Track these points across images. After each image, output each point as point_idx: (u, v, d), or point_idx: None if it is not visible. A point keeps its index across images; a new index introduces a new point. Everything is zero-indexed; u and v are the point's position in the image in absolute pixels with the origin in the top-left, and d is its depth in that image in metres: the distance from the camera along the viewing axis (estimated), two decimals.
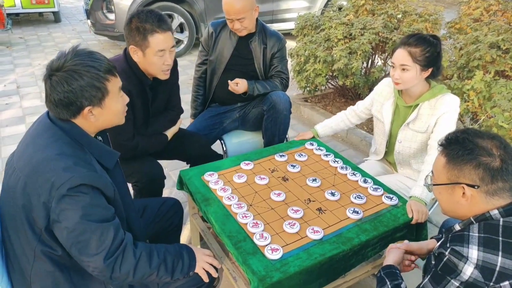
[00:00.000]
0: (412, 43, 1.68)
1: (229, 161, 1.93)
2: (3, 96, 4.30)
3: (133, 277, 1.14)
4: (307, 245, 1.40)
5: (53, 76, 1.09)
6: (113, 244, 1.10)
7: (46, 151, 1.07)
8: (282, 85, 2.33)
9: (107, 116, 1.18)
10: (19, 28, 7.36)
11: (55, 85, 1.08)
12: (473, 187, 1.02)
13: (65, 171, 1.04)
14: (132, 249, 1.15)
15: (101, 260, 1.07)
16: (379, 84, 2.02)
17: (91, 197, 1.07)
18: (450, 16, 4.10)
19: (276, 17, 6.13)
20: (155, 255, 1.20)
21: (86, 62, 1.10)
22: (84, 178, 1.05)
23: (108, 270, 1.09)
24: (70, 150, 1.10)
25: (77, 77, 1.08)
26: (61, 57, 1.11)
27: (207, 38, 2.33)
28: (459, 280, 0.98)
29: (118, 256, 1.11)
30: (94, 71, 1.10)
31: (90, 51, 1.15)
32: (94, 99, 1.11)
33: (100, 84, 1.11)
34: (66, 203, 1.03)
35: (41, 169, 1.05)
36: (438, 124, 1.73)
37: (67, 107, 1.10)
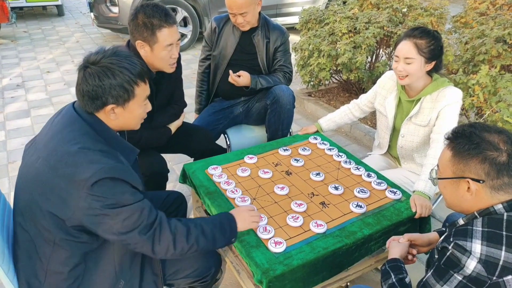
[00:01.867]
0: (417, 35, 1.67)
1: (233, 155, 1.94)
2: (8, 90, 4.32)
3: (174, 250, 1.17)
4: (310, 238, 1.41)
5: (88, 68, 1.13)
6: (149, 219, 1.13)
7: (74, 144, 1.10)
8: (285, 79, 2.32)
9: (127, 118, 1.21)
10: (23, 22, 7.37)
11: (88, 77, 1.12)
12: (478, 182, 1.02)
13: (93, 163, 1.06)
14: (168, 223, 1.18)
15: (140, 235, 1.11)
16: (382, 77, 2.00)
17: (119, 186, 1.09)
18: (456, 10, 4.07)
19: (280, 11, 6.10)
20: (192, 229, 1.22)
21: (122, 63, 1.14)
22: (111, 170, 1.08)
23: (149, 243, 1.13)
24: (96, 144, 1.13)
25: (110, 75, 1.12)
26: (100, 52, 1.16)
27: (210, 33, 2.33)
28: (462, 274, 0.98)
29: (155, 229, 1.14)
30: (127, 73, 1.14)
31: (129, 54, 1.20)
32: (120, 99, 1.15)
33: (129, 86, 1.15)
34: (96, 192, 1.05)
35: (70, 161, 1.07)
36: (440, 117, 1.72)
37: (92, 100, 1.14)
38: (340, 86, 4.14)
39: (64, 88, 4.39)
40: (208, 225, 1.26)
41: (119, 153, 1.18)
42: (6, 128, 3.50)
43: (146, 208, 1.14)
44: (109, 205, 1.07)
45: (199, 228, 1.23)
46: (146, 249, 1.15)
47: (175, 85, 2.03)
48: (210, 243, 1.25)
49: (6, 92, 4.25)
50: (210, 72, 2.41)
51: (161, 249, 1.16)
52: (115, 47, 1.20)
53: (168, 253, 1.18)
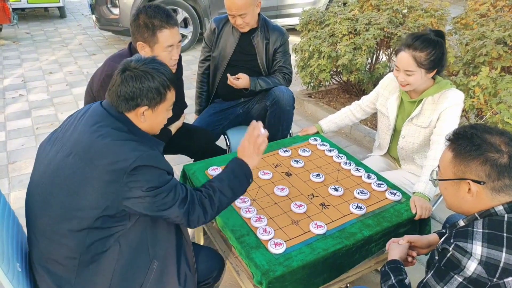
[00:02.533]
0: (418, 46, 1.63)
1: (233, 156, 1.93)
2: (10, 90, 4.33)
3: (204, 218, 1.27)
4: (310, 239, 1.41)
5: (127, 71, 1.20)
6: (182, 194, 1.22)
7: (107, 137, 1.15)
8: (285, 80, 2.32)
9: (153, 121, 1.27)
10: (25, 23, 7.39)
11: (128, 79, 1.19)
12: (479, 183, 1.02)
13: (131, 151, 1.13)
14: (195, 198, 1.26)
15: (178, 208, 1.20)
16: (385, 78, 2.00)
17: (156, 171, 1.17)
18: (456, 11, 4.07)
19: (280, 12, 6.11)
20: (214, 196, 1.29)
21: (160, 69, 1.23)
22: (150, 158, 1.15)
23: (186, 215, 1.22)
24: (128, 137, 1.19)
25: (150, 78, 1.20)
26: (140, 60, 1.24)
27: (209, 34, 2.33)
28: (462, 276, 0.98)
29: (189, 203, 1.23)
30: (164, 78, 1.22)
31: (163, 63, 1.28)
32: (153, 101, 1.22)
33: (163, 90, 1.23)
34: (136, 177, 1.12)
35: (107, 152, 1.12)
36: (441, 119, 1.72)
37: (127, 101, 1.20)
38: (340, 88, 4.15)
39: (66, 89, 4.40)
40: (225, 182, 1.33)
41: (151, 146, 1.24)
42: (6, 128, 3.51)
43: (178, 184, 1.23)
44: (149, 188, 1.13)
45: (217, 192, 1.30)
46: (183, 220, 1.23)
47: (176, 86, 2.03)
48: (233, 197, 1.34)
49: (7, 93, 4.26)
50: (210, 73, 2.41)
51: (194, 218, 1.25)
52: (153, 57, 1.28)
53: (199, 222, 1.27)
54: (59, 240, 1.17)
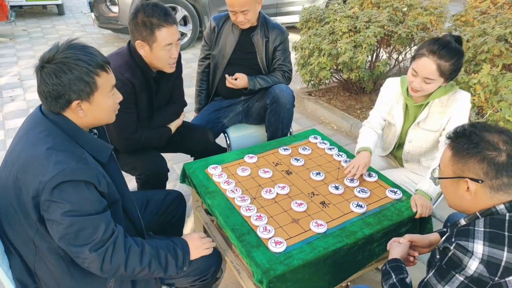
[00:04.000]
0: (444, 55, 1.55)
1: (233, 154, 1.93)
2: (7, 89, 4.31)
3: (124, 270, 1.13)
4: (310, 238, 1.40)
5: (44, 68, 1.08)
6: (104, 235, 1.09)
7: (37, 146, 1.07)
8: (284, 78, 2.31)
9: (96, 112, 1.16)
10: (22, 20, 7.35)
11: (45, 77, 1.08)
12: (477, 182, 1.01)
13: (55, 165, 1.03)
14: (123, 241, 1.14)
15: (90, 251, 1.07)
16: (385, 86, 1.90)
17: (81, 190, 1.06)
18: (456, 9, 4.05)
19: (280, 10, 6.09)
20: (147, 250, 1.18)
21: (77, 56, 1.09)
22: (74, 172, 1.04)
23: (98, 261, 1.09)
24: (61, 144, 1.09)
25: (66, 70, 1.07)
26: (53, 49, 1.10)
27: (209, 33, 2.31)
28: (464, 275, 0.97)
29: (108, 247, 1.10)
30: (84, 65, 1.09)
31: (84, 45, 1.13)
32: (82, 93, 1.10)
33: (89, 78, 1.10)
34: (55, 197, 1.02)
35: (31, 164, 1.04)
36: (451, 122, 1.68)
37: (55, 100, 1.10)
38: (340, 85, 4.14)
39: None
40: (163, 249, 1.23)
41: (89, 151, 1.15)
42: (5, 127, 3.50)
43: (104, 223, 1.09)
44: (65, 213, 1.03)
45: (154, 250, 1.20)
46: (94, 266, 1.10)
47: (175, 84, 2.02)
48: (162, 268, 1.21)
49: (4, 91, 4.24)
50: (210, 72, 2.40)
51: (110, 268, 1.11)
52: (69, 40, 1.14)
53: (117, 273, 1.13)
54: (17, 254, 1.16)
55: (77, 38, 1.20)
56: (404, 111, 1.85)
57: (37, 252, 1.13)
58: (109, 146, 1.24)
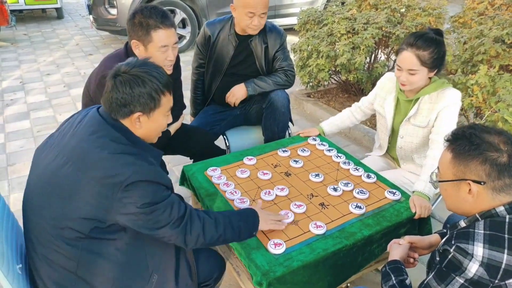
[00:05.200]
0: (420, 45, 1.62)
1: (232, 156, 1.94)
2: (8, 92, 4.32)
3: (203, 239, 1.23)
4: (310, 239, 1.41)
5: (118, 76, 1.17)
6: (179, 212, 1.19)
7: (105, 149, 1.12)
8: (287, 76, 2.27)
9: (150, 127, 1.24)
10: (23, 25, 7.37)
11: (118, 85, 1.16)
12: (479, 183, 1.01)
13: (127, 166, 1.10)
14: (197, 214, 1.24)
15: (171, 228, 1.17)
16: (382, 78, 2.00)
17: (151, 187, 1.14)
18: (454, 10, 4.07)
19: (278, 12, 6.10)
20: (220, 219, 1.28)
21: (152, 73, 1.19)
22: (146, 173, 1.12)
23: (182, 235, 1.19)
24: (127, 148, 1.15)
25: (140, 83, 1.16)
26: (130, 63, 1.20)
27: (204, 42, 2.25)
28: (463, 277, 0.97)
29: (186, 221, 1.20)
30: (156, 82, 1.18)
31: (157, 65, 1.24)
32: (146, 107, 1.19)
33: (156, 95, 1.19)
34: (131, 193, 1.09)
35: (103, 166, 1.10)
36: (439, 118, 1.72)
37: (120, 108, 1.17)
38: (339, 87, 4.15)
39: (64, 90, 4.39)
40: (235, 216, 1.33)
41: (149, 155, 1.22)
42: (5, 130, 3.50)
43: (176, 202, 1.19)
44: (143, 205, 1.11)
45: (226, 218, 1.29)
46: (179, 241, 1.21)
47: (174, 87, 1.98)
48: (236, 234, 1.31)
49: (5, 95, 4.25)
50: (205, 80, 2.38)
51: (191, 239, 1.21)
52: (146, 58, 1.25)
53: (198, 242, 1.23)
54: (54, 247, 1.15)
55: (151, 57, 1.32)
56: (395, 104, 1.88)
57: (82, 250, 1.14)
58: (159, 151, 1.31)
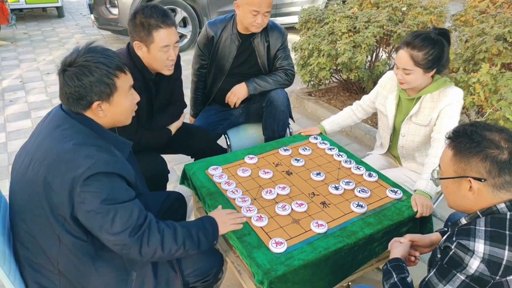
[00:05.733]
0: (416, 45, 1.62)
1: (233, 155, 1.93)
2: (8, 91, 4.32)
3: (162, 251, 1.18)
4: (311, 238, 1.40)
5: (66, 71, 1.14)
6: (138, 220, 1.14)
7: (66, 142, 1.11)
8: (287, 75, 2.27)
9: (115, 112, 1.22)
10: (23, 23, 7.37)
11: (67, 80, 1.14)
12: (480, 180, 1.01)
13: (87, 158, 1.08)
14: (156, 224, 1.19)
15: (128, 236, 1.11)
16: (383, 77, 2.00)
17: (113, 181, 1.11)
18: (455, 8, 4.06)
19: (279, 11, 6.09)
20: (179, 230, 1.24)
21: (97, 59, 1.15)
22: (105, 164, 1.09)
23: (137, 245, 1.13)
24: (89, 140, 1.14)
25: (87, 73, 1.13)
26: (74, 53, 1.16)
27: (205, 42, 2.23)
28: (465, 274, 0.97)
29: (144, 231, 1.15)
30: (104, 68, 1.14)
31: (103, 48, 1.20)
32: (103, 94, 1.16)
33: (109, 80, 1.16)
34: (90, 187, 1.07)
35: (63, 159, 1.08)
36: (441, 116, 1.71)
37: (77, 101, 1.15)
38: (340, 86, 4.14)
39: None
40: (193, 227, 1.29)
41: (113, 146, 1.19)
42: (6, 130, 3.51)
43: (137, 208, 1.15)
44: (102, 201, 1.08)
45: (185, 230, 1.25)
46: (133, 251, 1.15)
47: (174, 86, 2.02)
48: (196, 246, 1.27)
49: (6, 94, 4.25)
50: (207, 81, 2.37)
51: (149, 251, 1.16)
52: (88, 43, 1.20)
53: (155, 255, 1.18)
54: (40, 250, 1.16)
55: (95, 41, 1.26)
56: (397, 103, 1.88)
57: (61, 247, 1.14)
58: (128, 142, 1.30)
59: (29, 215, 1.15)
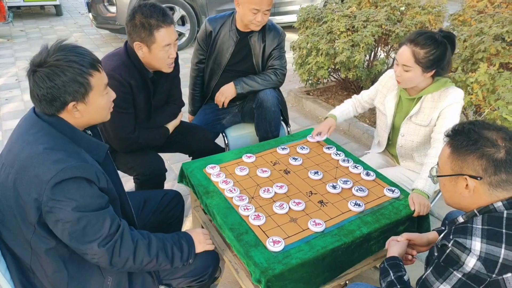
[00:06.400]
0: (419, 42, 1.62)
1: (231, 154, 1.93)
2: (4, 90, 4.30)
3: (133, 262, 1.14)
4: (308, 237, 1.40)
5: (36, 72, 1.07)
6: (110, 230, 1.10)
7: (35, 146, 1.06)
8: (277, 76, 2.27)
9: (92, 112, 1.16)
10: (20, 21, 7.34)
11: (38, 81, 1.07)
12: (476, 179, 1.02)
13: (55, 163, 1.03)
14: (130, 234, 1.16)
15: (99, 246, 1.08)
16: (384, 75, 2.00)
17: (83, 187, 1.06)
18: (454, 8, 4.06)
19: (278, 9, 6.09)
20: (154, 242, 1.20)
21: (69, 57, 1.08)
22: (74, 170, 1.04)
23: (108, 255, 1.10)
24: (58, 144, 1.09)
25: (59, 73, 1.06)
26: (43, 52, 1.09)
27: (204, 37, 2.26)
28: (461, 272, 0.98)
29: (116, 241, 1.11)
30: (77, 66, 1.08)
31: (74, 46, 1.13)
32: (77, 94, 1.10)
33: (83, 79, 1.10)
34: (58, 195, 1.02)
35: (30, 164, 1.04)
36: (442, 117, 1.72)
37: (50, 103, 1.09)
38: (338, 85, 4.14)
39: None
40: (169, 241, 1.25)
41: (86, 151, 1.15)
42: (2, 128, 3.49)
43: (109, 217, 1.11)
44: (72, 209, 1.03)
45: (160, 242, 1.22)
46: (103, 261, 1.11)
47: (172, 85, 2.02)
48: (169, 260, 1.23)
49: (1, 92, 4.23)
50: (204, 76, 2.37)
51: (119, 261, 1.13)
52: (58, 41, 1.12)
53: (126, 265, 1.14)
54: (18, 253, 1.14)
55: (66, 39, 1.19)
56: (397, 102, 1.88)
57: (33, 254, 1.13)
58: (104, 145, 1.25)
59: (4, 221, 1.13)
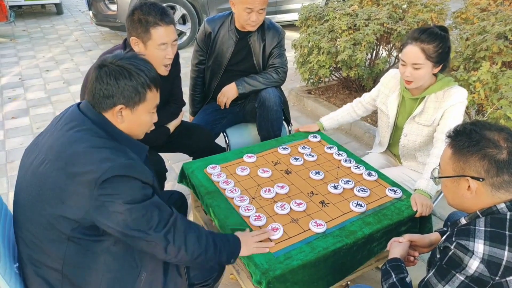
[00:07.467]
0: (425, 39, 1.61)
1: (232, 154, 1.92)
2: (7, 89, 4.31)
3: (185, 251, 1.16)
4: (310, 238, 1.40)
5: (104, 67, 1.14)
6: (162, 217, 1.13)
7: (82, 143, 1.09)
8: (278, 74, 2.27)
9: (133, 122, 1.20)
10: (22, 20, 7.35)
11: (103, 75, 1.13)
12: (478, 180, 1.01)
13: (103, 161, 1.05)
14: (183, 223, 1.18)
15: (155, 231, 1.10)
16: (386, 75, 1.98)
17: (130, 182, 1.09)
18: (456, 6, 4.04)
19: (279, 8, 6.07)
20: (203, 236, 1.22)
21: (140, 67, 1.16)
22: (122, 168, 1.07)
23: (163, 242, 1.12)
24: (105, 142, 1.12)
25: (126, 75, 1.13)
26: (118, 55, 1.17)
27: (204, 38, 2.25)
28: (464, 274, 0.97)
29: (170, 227, 1.14)
30: (143, 76, 1.16)
31: (147, 61, 1.21)
32: (130, 100, 1.15)
33: (142, 89, 1.16)
34: (108, 189, 1.05)
35: (79, 161, 1.06)
36: (445, 116, 1.70)
37: (103, 99, 1.14)
38: (340, 83, 4.13)
39: (64, 87, 4.37)
40: (219, 237, 1.28)
41: (129, 149, 1.17)
42: (4, 127, 3.49)
43: (158, 205, 1.14)
44: (125, 202, 1.06)
45: (210, 237, 1.24)
46: (159, 249, 1.13)
47: (173, 84, 2.01)
48: (217, 255, 1.25)
49: (4, 91, 4.24)
50: (205, 77, 2.36)
51: (174, 249, 1.14)
52: (137, 54, 1.22)
53: (179, 255, 1.16)
54: (42, 248, 1.14)
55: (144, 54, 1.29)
56: (399, 102, 1.86)
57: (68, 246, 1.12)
58: (144, 146, 1.28)
59: (34, 214, 1.13)
